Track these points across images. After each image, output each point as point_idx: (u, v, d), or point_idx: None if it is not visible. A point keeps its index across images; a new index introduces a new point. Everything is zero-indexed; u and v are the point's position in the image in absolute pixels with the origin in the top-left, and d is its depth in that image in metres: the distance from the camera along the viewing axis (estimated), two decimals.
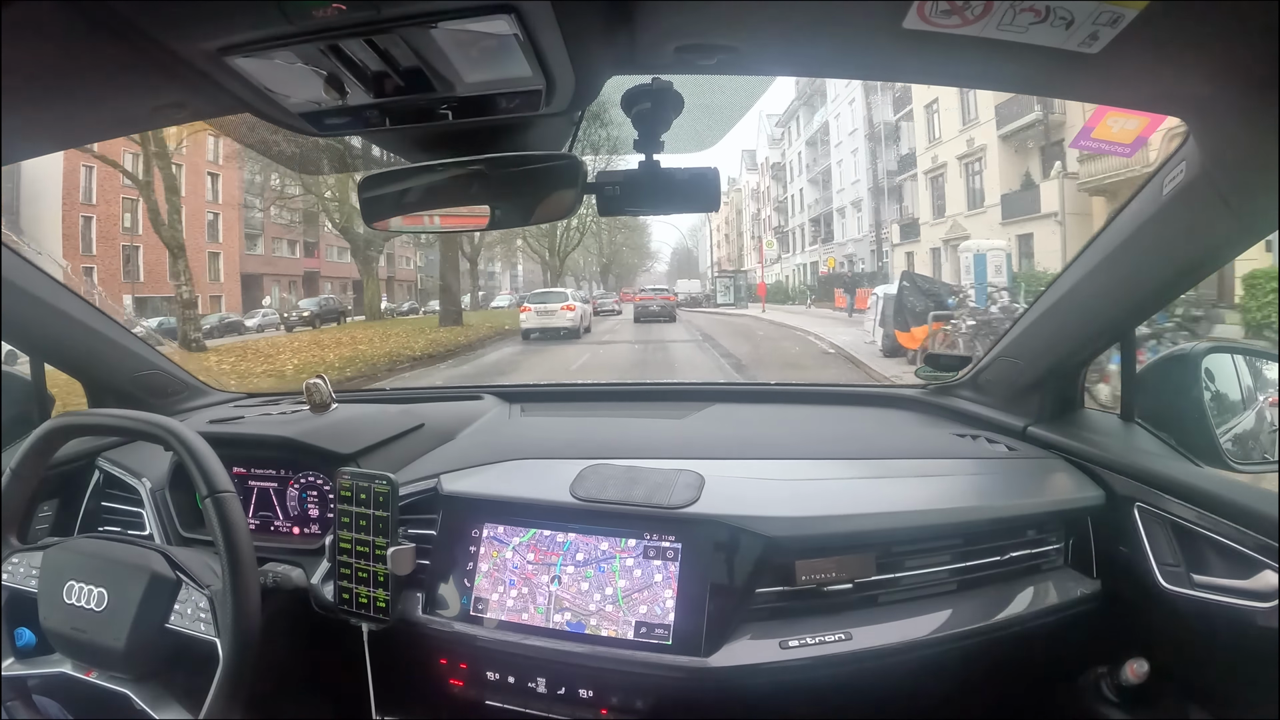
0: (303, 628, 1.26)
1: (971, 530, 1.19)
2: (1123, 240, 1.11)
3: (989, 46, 0.71)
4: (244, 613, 1.03)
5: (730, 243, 56.36)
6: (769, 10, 0.70)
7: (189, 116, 0.92)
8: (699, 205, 0.97)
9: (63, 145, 1.03)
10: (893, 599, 1.14)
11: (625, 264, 38.72)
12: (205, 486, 1.05)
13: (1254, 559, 1.01)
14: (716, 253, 56.46)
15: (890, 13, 0.68)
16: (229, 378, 9.87)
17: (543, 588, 1.15)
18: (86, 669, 1.11)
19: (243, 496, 1.42)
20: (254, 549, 1.06)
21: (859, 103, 29.17)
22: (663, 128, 0.93)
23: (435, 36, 0.68)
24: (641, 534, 1.14)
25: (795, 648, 1.06)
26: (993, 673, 1.20)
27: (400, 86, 0.76)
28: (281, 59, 0.71)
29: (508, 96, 0.82)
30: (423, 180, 1.01)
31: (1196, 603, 1.07)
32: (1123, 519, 1.19)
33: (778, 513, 1.11)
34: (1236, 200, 0.91)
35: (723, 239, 57.41)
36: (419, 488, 1.29)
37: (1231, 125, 0.84)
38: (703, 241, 61.58)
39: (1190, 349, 1.27)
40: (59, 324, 1.46)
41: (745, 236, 51.93)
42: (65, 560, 1.12)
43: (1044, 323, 1.34)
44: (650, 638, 1.09)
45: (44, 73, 0.75)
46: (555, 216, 0.99)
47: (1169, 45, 0.71)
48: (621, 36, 0.75)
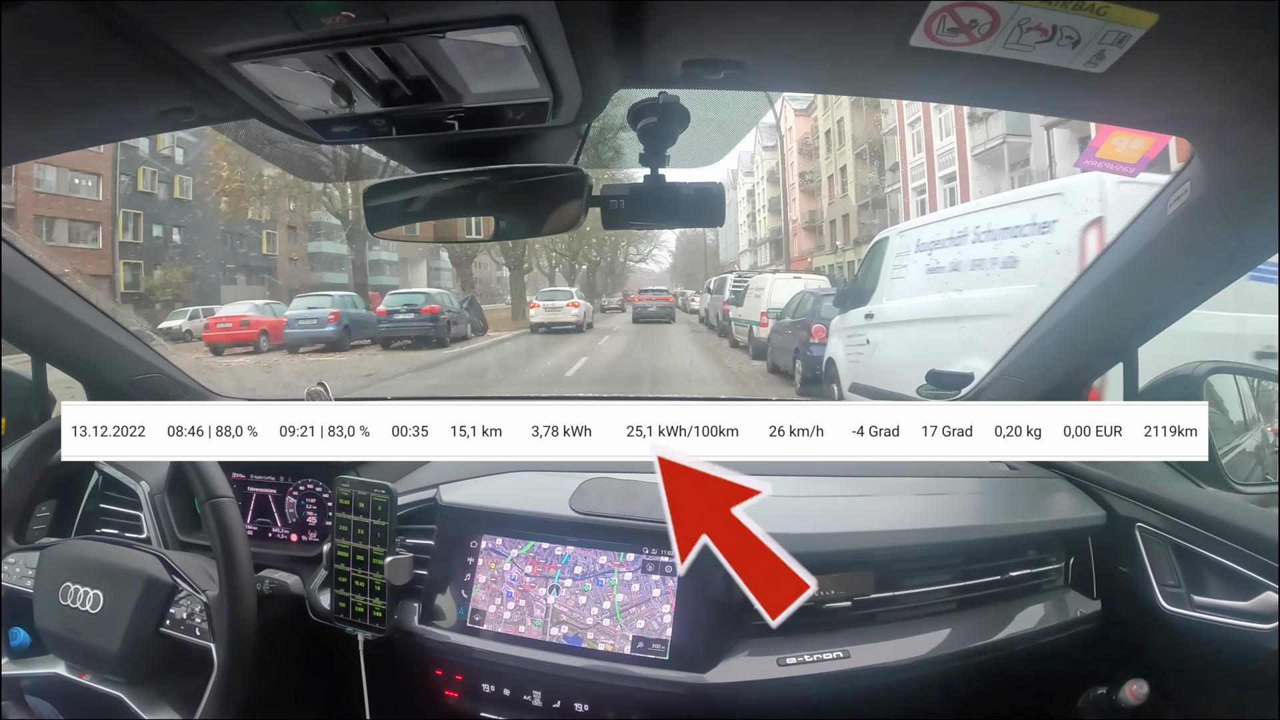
0: (298, 635, 1.26)
1: (971, 549, 1.18)
2: (1126, 259, 1.11)
3: (996, 65, 0.72)
4: (240, 618, 1.02)
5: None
6: (776, 27, 0.71)
7: (196, 121, 0.92)
8: (703, 220, 0.97)
9: (68, 147, 1.03)
10: (892, 617, 1.14)
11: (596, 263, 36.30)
12: (204, 491, 1.05)
13: (1255, 580, 1.01)
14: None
15: (897, 30, 0.68)
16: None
17: (540, 600, 1.15)
18: (81, 671, 1.10)
19: (241, 502, 1.41)
20: (251, 555, 1.06)
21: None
22: (668, 142, 0.93)
23: (443, 47, 0.68)
24: (640, 548, 1.14)
25: (793, 665, 1.05)
26: (992, 692, 1.20)
27: (407, 96, 0.77)
28: (289, 65, 0.71)
29: (514, 108, 0.82)
30: (428, 190, 1.01)
31: (1197, 624, 1.07)
32: (1124, 539, 1.18)
33: (776, 529, 1.11)
34: (1240, 221, 0.91)
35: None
36: (418, 497, 1.28)
37: (1236, 146, 0.84)
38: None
39: (1193, 369, 1.26)
40: (60, 324, 1.46)
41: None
42: (62, 561, 1.12)
43: (1047, 341, 1.34)
44: (647, 652, 1.08)
45: (51, 73, 0.75)
46: (560, 229, 0.99)
47: (1175, 66, 0.72)
48: (629, 50, 0.75)
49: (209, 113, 0.89)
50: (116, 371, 1.61)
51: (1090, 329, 1.25)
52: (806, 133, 36.17)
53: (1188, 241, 1.01)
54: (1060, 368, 1.35)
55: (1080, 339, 1.28)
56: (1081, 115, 0.90)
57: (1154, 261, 1.07)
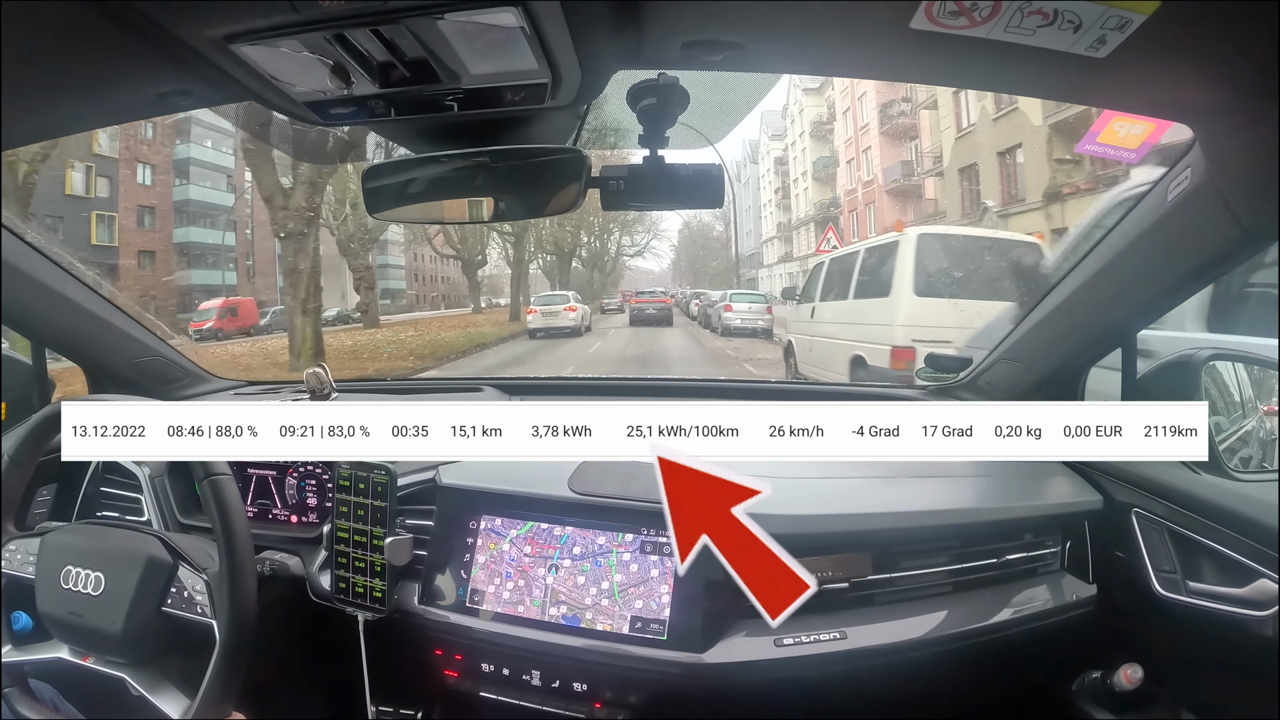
0: (299, 616, 1.27)
1: (968, 532, 1.19)
2: (1126, 245, 1.11)
3: (996, 49, 0.71)
4: (241, 594, 1.03)
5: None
6: (776, 8, 0.70)
7: (194, 104, 0.92)
8: (702, 201, 0.97)
9: (65, 131, 1.03)
10: (888, 599, 1.15)
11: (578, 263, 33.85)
12: (202, 470, 1.06)
13: (1251, 567, 1.01)
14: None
15: (898, 13, 0.68)
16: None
17: (539, 581, 1.16)
18: (84, 654, 1.11)
19: (241, 484, 1.42)
20: (251, 533, 1.06)
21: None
22: (667, 123, 0.92)
23: (442, 28, 0.67)
24: (639, 529, 1.15)
25: (790, 645, 1.06)
26: (987, 675, 1.21)
27: (406, 77, 0.76)
28: (288, 48, 0.71)
29: (513, 89, 0.82)
30: (427, 171, 1.01)
31: (1192, 609, 1.07)
32: (1120, 524, 1.19)
33: (774, 510, 1.11)
34: (1240, 207, 0.91)
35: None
36: (417, 478, 1.29)
37: (1236, 132, 0.84)
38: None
39: (1192, 355, 1.26)
40: (60, 308, 1.46)
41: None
42: (63, 545, 1.12)
43: (1046, 326, 1.34)
44: (645, 632, 1.09)
45: (48, 57, 0.75)
46: (559, 210, 0.99)
47: (1176, 51, 0.71)
48: (629, 31, 0.75)
49: (207, 95, 0.88)
50: (116, 355, 1.61)
51: (1090, 314, 1.25)
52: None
53: (1188, 227, 1.00)
54: (1059, 352, 1.35)
55: (1079, 324, 1.28)
56: (1082, 100, 0.90)
57: (1154, 247, 1.07)
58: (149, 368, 1.68)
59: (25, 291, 1.38)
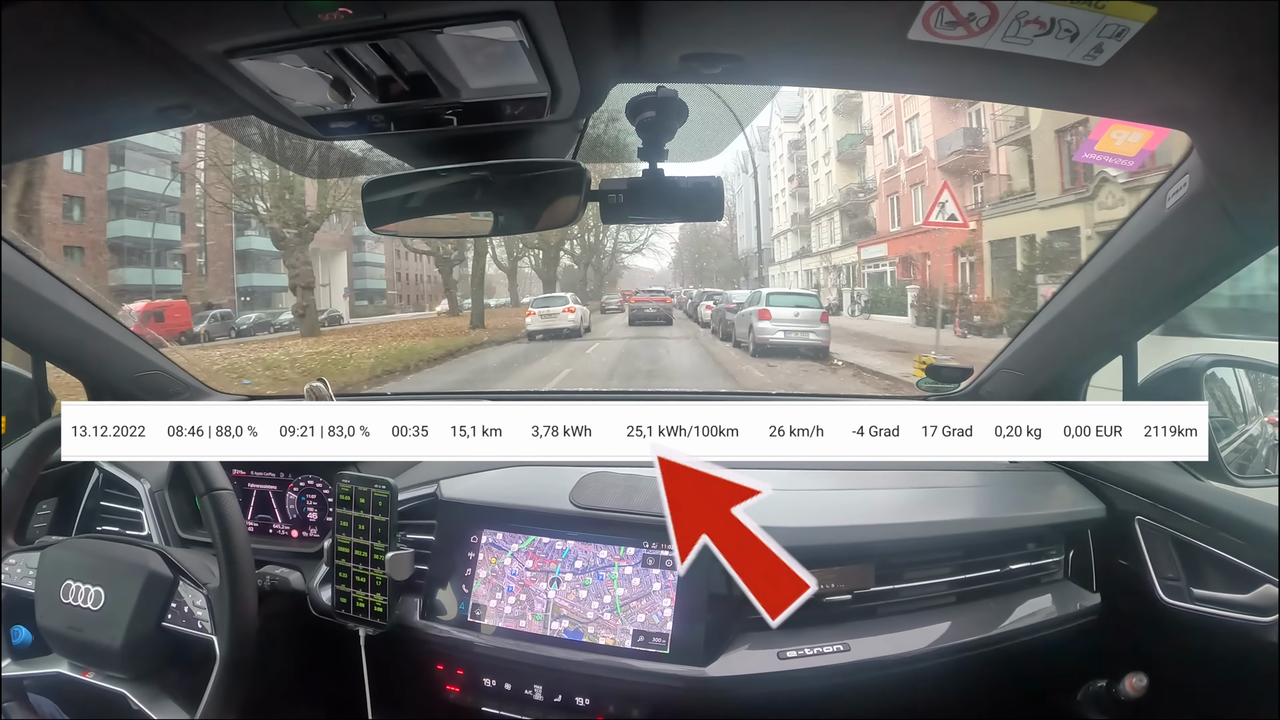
0: (299, 631, 1.26)
1: (971, 542, 1.18)
2: (1125, 253, 1.11)
3: (994, 58, 0.71)
4: (241, 608, 1.03)
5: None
6: (774, 20, 0.70)
7: (194, 118, 0.92)
8: (702, 215, 0.98)
9: (67, 145, 1.03)
10: (891, 610, 1.14)
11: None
12: (202, 484, 1.06)
13: (1254, 573, 1.01)
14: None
15: (895, 24, 0.68)
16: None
17: (541, 595, 1.15)
18: (83, 669, 1.10)
19: (242, 499, 1.41)
20: (251, 548, 1.06)
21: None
22: (666, 136, 0.93)
23: (441, 42, 0.68)
24: (640, 542, 1.14)
25: (793, 658, 1.06)
26: (991, 685, 1.20)
27: (405, 91, 0.76)
28: (287, 62, 0.71)
29: (512, 103, 0.82)
30: (427, 185, 1.01)
31: (1196, 617, 1.07)
32: (1123, 532, 1.19)
33: (777, 523, 1.11)
34: (1239, 214, 0.91)
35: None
36: (418, 493, 1.29)
37: (1235, 139, 0.84)
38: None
39: (1193, 362, 1.26)
40: (60, 322, 1.46)
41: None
42: (63, 560, 1.12)
43: (1046, 335, 1.33)
44: (648, 646, 1.09)
45: (49, 71, 0.75)
46: (558, 224, 0.99)
47: (1173, 58, 0.71)
48: (627, 45, 0.75)
49: (207, 110, 0.89)
50: (117, 369, 1.61)
51: (1089, 322, 1.25)
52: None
53: (1186, 235, 1.00)
54: (1059, 361, 1.35)
55: (1079, 332, 1.28)
56: (1080, 109, 0.90)
57: (1153, 255, 1.07)
58: (150, 382, 1.67)
59: (26, 305, 1.38)
